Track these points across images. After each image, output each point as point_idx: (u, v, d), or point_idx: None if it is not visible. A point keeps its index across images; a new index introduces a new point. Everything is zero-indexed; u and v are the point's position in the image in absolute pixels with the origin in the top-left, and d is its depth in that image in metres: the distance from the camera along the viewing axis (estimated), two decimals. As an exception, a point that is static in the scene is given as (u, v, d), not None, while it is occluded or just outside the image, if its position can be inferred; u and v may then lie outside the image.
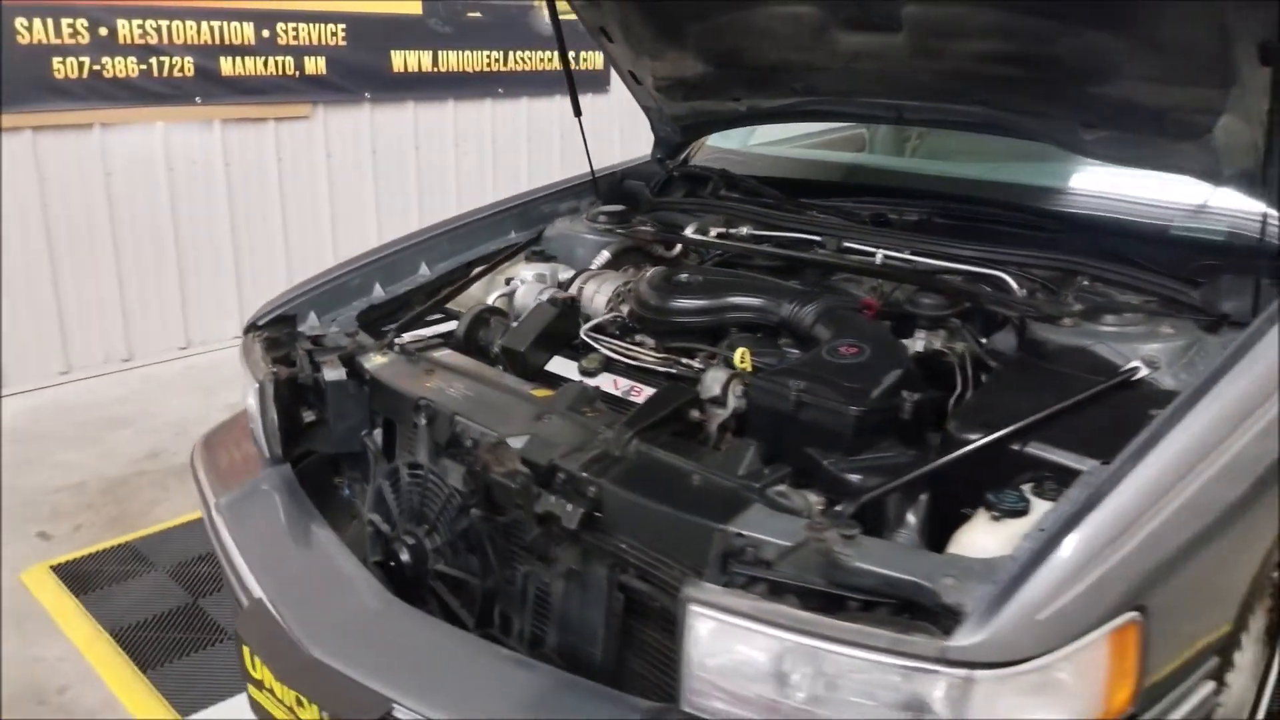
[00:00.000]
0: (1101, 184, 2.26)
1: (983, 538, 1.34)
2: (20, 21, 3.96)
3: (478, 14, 5.52)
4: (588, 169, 2.95)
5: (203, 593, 2.77)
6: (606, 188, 2.97)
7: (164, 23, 4.35)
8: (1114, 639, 1.21)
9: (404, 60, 5.31)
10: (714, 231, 2.55)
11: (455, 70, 5.55)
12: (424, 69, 5.42)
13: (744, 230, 2.52)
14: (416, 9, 5.31)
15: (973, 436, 1.54)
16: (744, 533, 1.39)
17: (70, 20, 4.09)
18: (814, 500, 1.50)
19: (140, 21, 4.28)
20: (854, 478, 1.57)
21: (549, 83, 5.81)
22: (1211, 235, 1.99)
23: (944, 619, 1.18)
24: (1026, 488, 1.42)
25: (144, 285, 4.59)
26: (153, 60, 4.36)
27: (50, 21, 4.03)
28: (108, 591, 2.80)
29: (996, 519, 1.36)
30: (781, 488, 1.51)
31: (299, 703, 1.52)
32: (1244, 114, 1.77)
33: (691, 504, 1.49)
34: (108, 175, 4.39)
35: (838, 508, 1.43)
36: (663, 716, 1.35)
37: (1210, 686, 1.43)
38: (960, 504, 1.45)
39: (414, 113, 5.46)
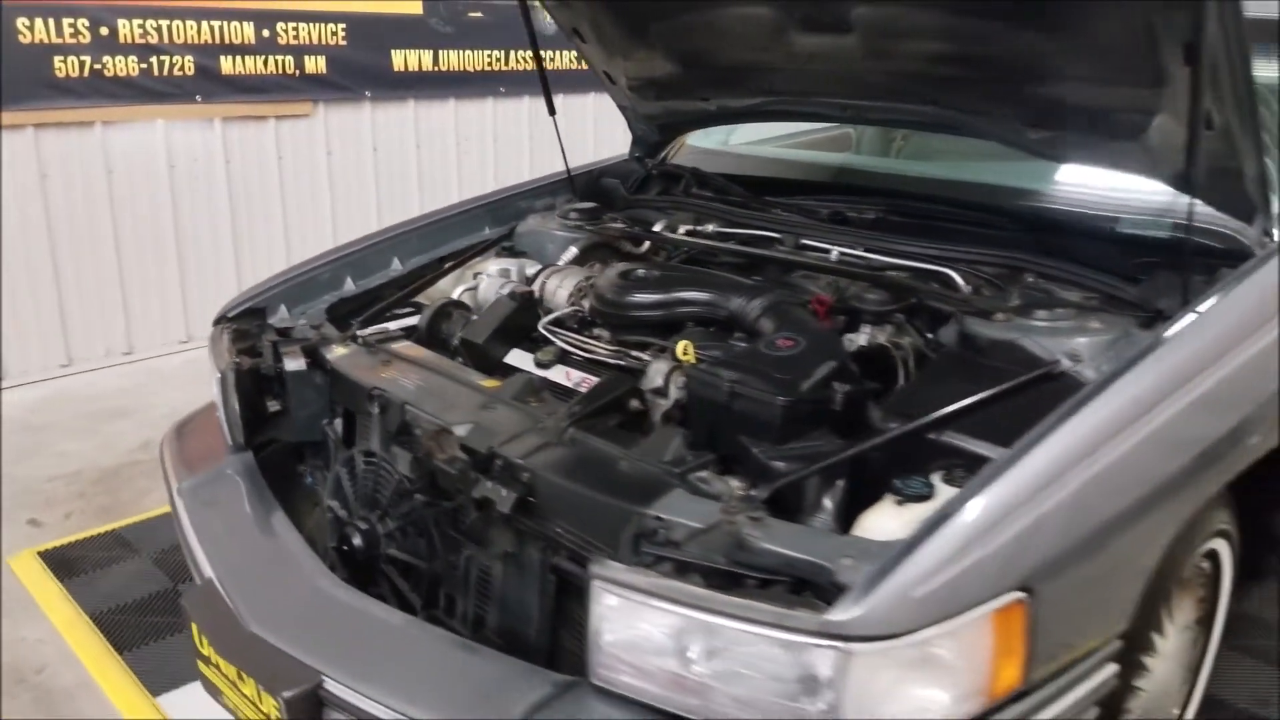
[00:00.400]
0: (1055, 183, 2.29)
1: (886, 521, 1.39)
2: (22, 21, 4.05)
3: (479, 14, 5.59)
4: (590, 165, 3.02)
5: (182, 579, 2.84)
6: (583, 185, 3.02)
7: (164, 22, 4.43)
8: (998, 618, 1.25)
9: (405, 59, 5.38)
10: (683, 229, 2.60)
11: (456, 69, 5.61)
12: (425, 68, 5.49)
13: (710, 228, 2.57)
14: (417, 9, 5.38)
15: (893, 426, 1.59)
16: (661, 515, 1.44)
17: (71, 20, 4.18)
18: (735, 485, 1.55)
19: (140, 21, 4.37)
20: (780, 465, 1.61)
21: (552, 81, 5.85)
22: (1153, 233, 2.01)
23: (835, 596, 1.23)
24: (937, 475, 1.46)
25: (145, 280, 4.68)
26: (153, 59, 4.44)
27: (51, 21, 4.13)
28: (91, 577, 2.88)
29: (900, 503, 1.40)
30: (704, 474, 1.56)
31: (240, 677, 1.58)
32: (1176, 114, 1.80)
33: (615, 488, 1.54)
34: (109, 172, 4.49)
35: (752, 492, 1.48)
36: (571, 688, 1.40)
37: (1113, 669, 1.46)
38: (881, 490, 1.50)
39: (415, 111, 5.53)
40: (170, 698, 2.37)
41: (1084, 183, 2.18)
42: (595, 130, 5.72)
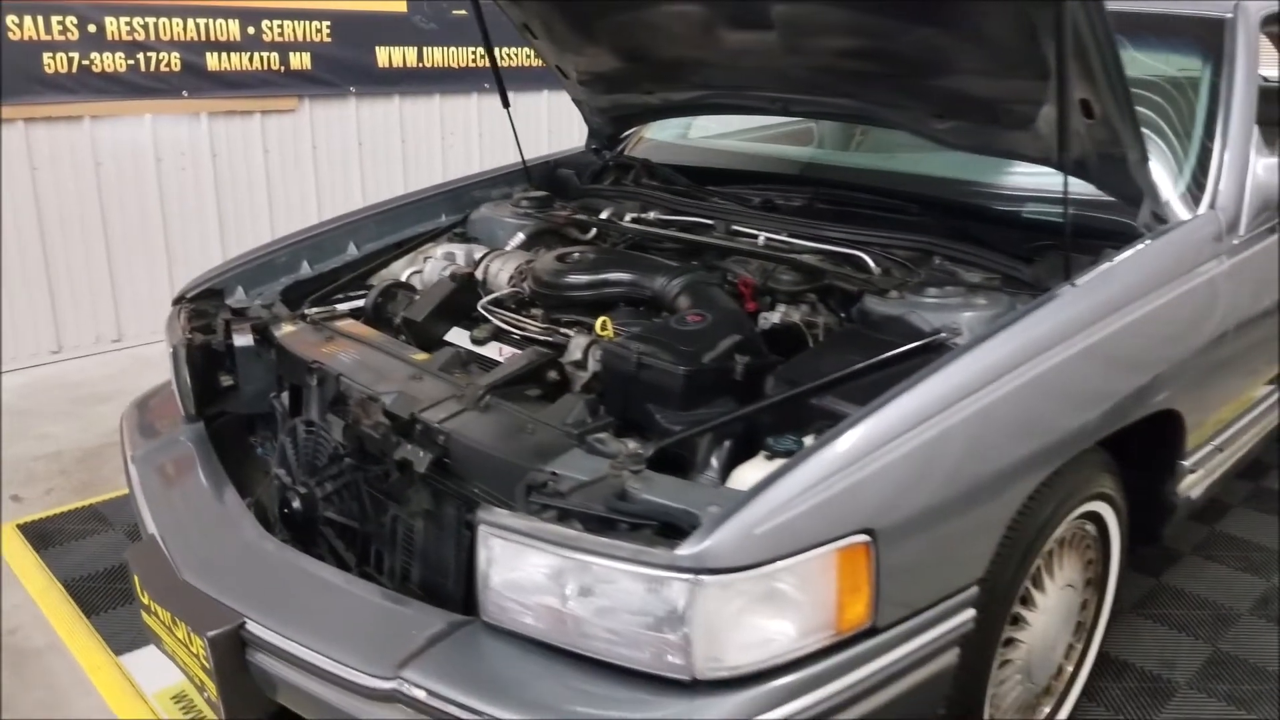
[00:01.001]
0: (968, 172, 2.40)
1: (756, 473, 1.51)
2: (12, 19, 4.19)
3: (462, 12, 5.70)
4: (549, 156, 3.15)
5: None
6: (541, 175, 3.15)
7: (151, 20, 4.57)
8: (842, 556, 1.38)
9: (389, 56, 5.51)
10: (629, 217, 2.73)
11: (440, 66, 5.74)
12: (409, 64, 5.61)
13: (652, 215, 2.69)
14: (401, 7, 5.50)
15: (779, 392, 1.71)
16: (556, 471, 1.56)
17: (60, 17, 4.32)
18: (632, 446, 1.67)
19: (128, 19, 4.51)
20: (678, 429, 1.73)
21: (535, 78, 5.96)
22: (1048, 216, 2.13)
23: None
24: (811, 434, 1.58)
25: (133, 270, 4.82)
26: (140, 55, 4.58)
27: (41, 19, 4.27)
28: (65, 548, 3.02)
29: (769, 458, 1.53)
30: (602, 435, 1.69)
31: (173, 622, 1.71)
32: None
33: (519, 448, 1.66)
34: (98, 165, 4.62)
35: (639, 450, 1.60)
36: (464, 625, 1.53)
37: (969, 614, 1.58)
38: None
39: (400, 106, 5.65)
40: (132, 657, 2.49)
41: (992, 170, 2.30)
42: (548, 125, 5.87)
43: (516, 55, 5.91)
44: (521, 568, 1.45)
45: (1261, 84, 3.08)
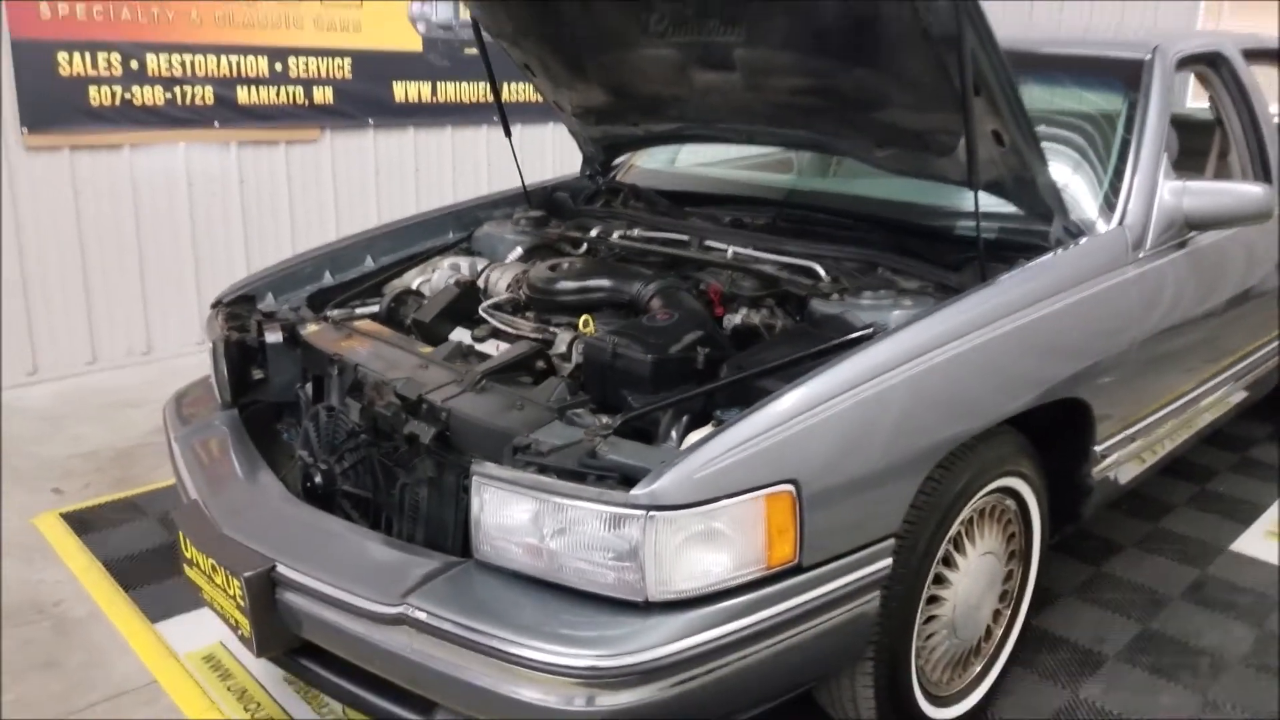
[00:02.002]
0: (908, 194, 2.71)
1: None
2: (62, 55, 4.57)
3: (473, 51, 6.05)
4: (549, 181, 3.49)
5: (184, 534, 3.28)
6: (539, 198, 3.48)
7: (188, 57, 4.94)
8: (769, 502, 1.67)
9: (405, 91, 5.87)
10: (615, 234, 3.04)
11: (453, 101, 6.10)
12: (424, 99, 5.97)
13: (636, 232, 3.00)
14: (417, 46, 5.88)
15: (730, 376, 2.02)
16: (539, 437, 1.86)
17: (106, 54, 4.70)
18: (604, 420, 1.97)
19: (167, 56, 4.88)
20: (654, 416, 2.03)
21: (541, 112, 6.33)
22: (972, 232, 2.43)
23: (647, 486, 1.65)
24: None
25: (164, 287, 5.16)
26: (177, 89, 4.95)
27: (88, 55, 4.64)
28: (105, 534, 3.32)
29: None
30: (579, 411, 1.99)
31: (214, 569, 2.01)
32: (981, 134, 2.22)
33: (508, 421, 1.96)
34: (135, 190, 4.98)
35: (609, 422, 1.90)
36: (458, 564, 1.82)
37: (887, 562, 1.87)
38: (714, 422, 1.92)
39: (414, 138, 6.01)
40: (166, 625, 2.79)
41: (930, 192, 2.61)
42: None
43: (522, 92, 6.26)
44: (507, 512, 1.75)
45: (1190, 118, 3.42)
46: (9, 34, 4.44)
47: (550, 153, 6.40)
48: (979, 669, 2.34)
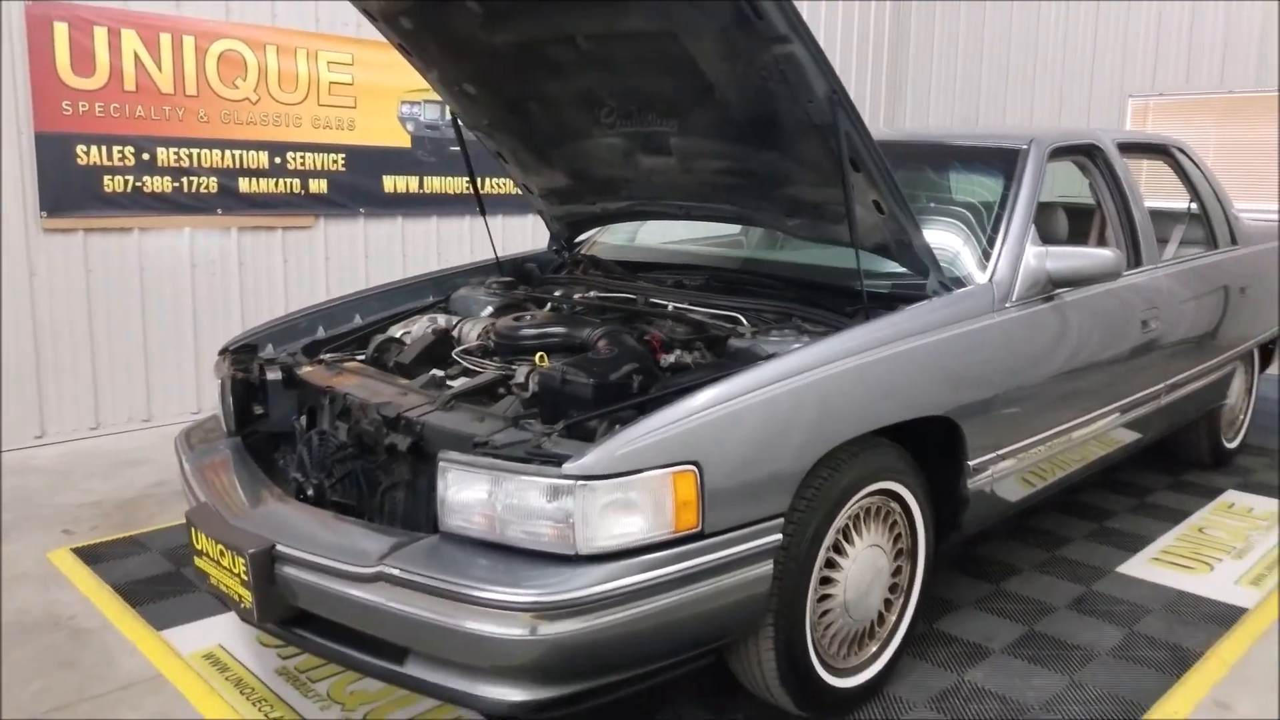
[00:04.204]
0: (820, 258, 3.21)
1: (628, 436, 2.24)
2: (80, 147, 5.10)
3: (458, 148, 6.64)
4: (519, 254, 4.00)
5: (185, 564, 3.65)
6: (510, 267, 3.96)
7: (194, 150, 5.49)
8: (676, 477, 2.11)
9: (394, 183, 6.42)
10: (576, 295, 3.51)
11: (439, 192, 6.65)
12: (412, 191, 6.53)
13: (592, 294, 3.48)
14: (406, 143, 6.45)
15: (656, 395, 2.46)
16: (496, 437, 2.30)
17: (120, 147, 5.23)
18: (555, 428, 2.39)
19: (175, 149, 5.42)
20: (591, 424, 2.46)
21: (521, 205, 6.91)
22: (870, 286, 2.90)
23: (579, 465, 2.08)
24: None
25: (165, 360, 5.60)
26: (184, 179, 5.48)
27: (104, 148, 5.18)
28: (112, 564, 3.69)
29: (639, 426, 2.26)
30: (530, 421, 2.42)
31: (221, 553, 2.41)
32: (864, 204, 2.73)
33: (471, 430, 2.39)
34: (142, 270, 5.46)
35: (552, 427, 2.33)
36: (422, 537, 2.23)
37: (777, 537, 2.29)
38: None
39: (402, 226, 6.53)
40: (169, 632, 3.16)
41: (836, 256, 3.10)
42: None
43: (504, 185, 6.83)
44: (467, 490, 2.17)
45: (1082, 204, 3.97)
46: (33, 126, 4.97)
47: (531, 240, 6.94)
48: (874, 649, 2.73)
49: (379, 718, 2.67)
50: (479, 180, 6.79)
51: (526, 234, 6.97)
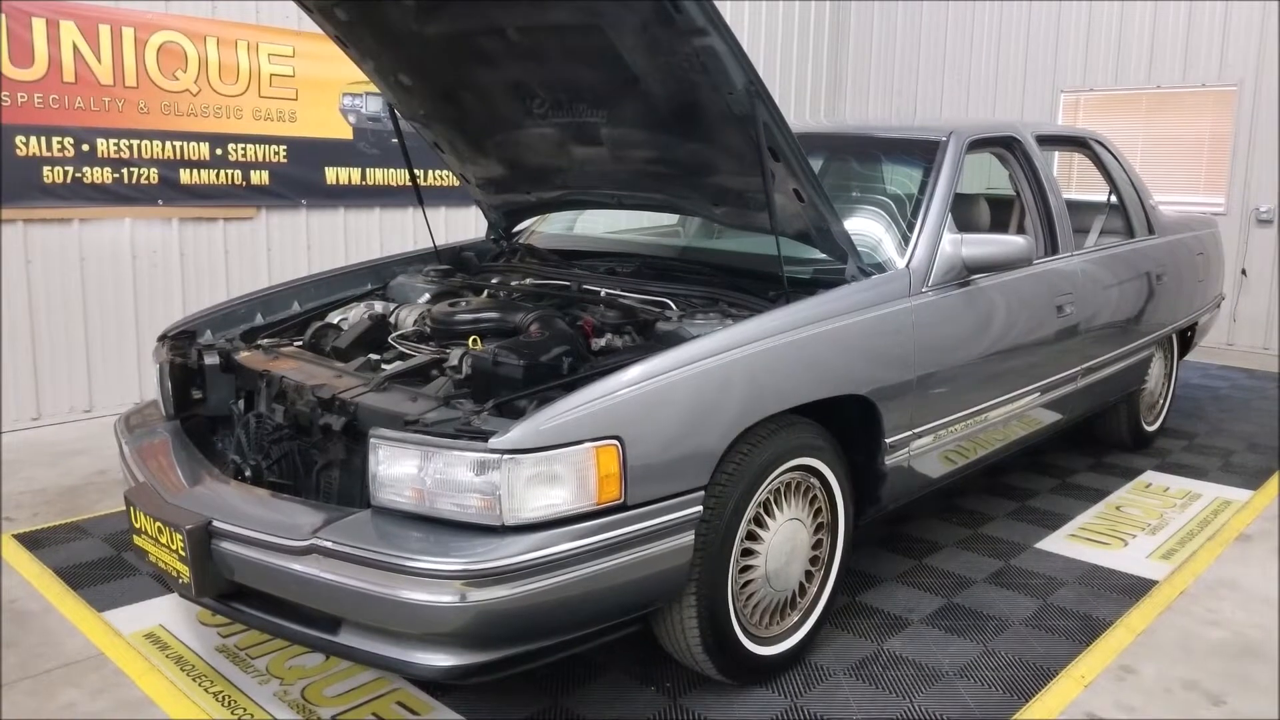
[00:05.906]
0: (747, 246, 3.33)
1: (553, 411, 2.34)
2: (19, 138, 5.08)
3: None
4: (457, 243, 4.05)
5: (126, 549, 3.68)
6: (448, 256, 4.03)
7: (135, 141, 5.48)
8: (599, 451, 2.20)
9: (337, 175, 6.45)
10: (513, 282, 3.59)
11: (381, 184, 6.69)
12: (354, 183, 6.56)
13: (527, 281, 3.57)
14: (348, 135, 6.48)
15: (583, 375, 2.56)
16: (426, 416, 2.38)
17: (59, 138, 5.21)
18: (485, 406, 2.48)
19: (115, 140, 5.41)
20: (520, 403, 2.55)
21: (464, 197, 6.96)
22: (791, 272, 3.02)
23: (506, 439, 2.18)
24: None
25: (107, 350, 5.59)
26: (124, 170, 5.47)
27: (43, 138, 5.16)
28: (54, 550, 3.71)
29: (564, 403, 2.36)
30: (461, 400, 2.51)
31: (159, 530, 2.47)
32: (785, 193, 2.85)
33: (403, 409, 2.47)
34: (83, 261, 5.45)
35: (481, 406, 2.42)
36: (353, 512, 2.31)
37: (698, 509, 2.40)
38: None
39: (344, 218, 6.56)
40: (111, 614, 3.20)
41: (761, 243, 3.21)
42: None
43: (447, 178, 6.88)
44: (398, 465, 2.25)
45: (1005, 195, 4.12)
46: (-28, 118, 4.95)
47: (474, 231, 7.00)
48: (796, 619, 2.86)
49: (317, 691, 2.74)
50: (423, 173, 6.92)
51: (469, 226, 7.04)
